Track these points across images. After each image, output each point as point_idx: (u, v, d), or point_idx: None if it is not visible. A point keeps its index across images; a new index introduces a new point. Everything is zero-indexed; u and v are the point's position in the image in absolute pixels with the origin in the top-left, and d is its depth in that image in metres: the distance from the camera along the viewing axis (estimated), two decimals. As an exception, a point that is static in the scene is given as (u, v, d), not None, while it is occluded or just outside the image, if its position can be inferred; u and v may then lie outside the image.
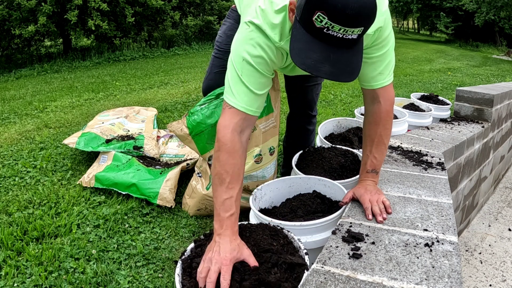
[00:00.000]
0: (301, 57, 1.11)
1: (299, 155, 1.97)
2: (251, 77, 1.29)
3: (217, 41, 1.90)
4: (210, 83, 1.94)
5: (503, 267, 2.61)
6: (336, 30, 1.06)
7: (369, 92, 1.46)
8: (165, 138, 2.73)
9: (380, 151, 1.48)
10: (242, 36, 1.30)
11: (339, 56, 1.10)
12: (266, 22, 1.26)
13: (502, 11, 16.98)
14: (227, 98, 1.31)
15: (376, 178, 1.50)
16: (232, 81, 1.30)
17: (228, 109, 1.30)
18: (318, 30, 1.07)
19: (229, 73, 1.32)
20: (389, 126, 1.48)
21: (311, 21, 1.07)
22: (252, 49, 1.27)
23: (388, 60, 1.40)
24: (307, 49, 1.10)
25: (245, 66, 1.28)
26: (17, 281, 1.52)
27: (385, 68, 1.40)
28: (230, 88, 1.30)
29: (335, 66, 1.10)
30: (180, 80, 5.65)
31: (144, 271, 1.62)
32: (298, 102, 2.13)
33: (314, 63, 1.10)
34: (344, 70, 1.12)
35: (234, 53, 1.31)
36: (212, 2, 10.79)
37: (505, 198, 3.64)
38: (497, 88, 3.26)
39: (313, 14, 1.05)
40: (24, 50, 9.52)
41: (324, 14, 1.03)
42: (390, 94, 1.46)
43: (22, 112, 3.88)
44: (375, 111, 1.46)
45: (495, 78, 7.23)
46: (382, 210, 1.35)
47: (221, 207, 1.22)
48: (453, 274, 1.05)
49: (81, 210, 2.00)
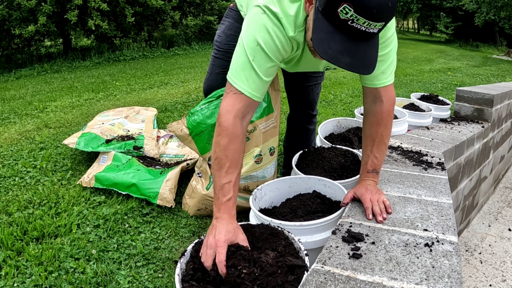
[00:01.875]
0: (324, 46, 1.11)
1: (299, 155, 1.97)
2: (262, 63, 1.28)
3: (216, 40, 1.88)
4: (211, 84, 1.92)
5: (503, 267, 2.61)
6: (361, 23, 1.07)
7: (371, 91, 1.46)
8: (165, 138, 2.73)
9: (381, 151, 1.48)
10: (256, 21, 1.28)
11: (359, 48, 1.12)
12: (282, 10, 1.26)
13: (502, 11, 16.98)
14: (234, 82, 1.29)
15: (376, 178, 1.50)
16: (241, 65, 1.29)
17: (233, 94, 1.29)
18: (343, 21, 1.08)
19: (239, 57, 1.30)
20: (390, 126, 1.48)
21: (336, 12, 1.07)
22: (266, 35, 1.27)
23: (391, 60, 1.41)
24: (330, 40, 1.11)
25: (258, 51, 1.27)
26: (17, 281, 1.52)
27: (387, 67, 1.41)
28: (238, 72, 1.29)
29: (355, 58, 1.12)
30: (180, 80, 5.65)
31: (144, 271, 1.62)
32: (298, 101, 2.13)
33: (335, 54, 1.11)
34: (363, 63, 1.14)
35: (247, 38, 1.28)
36: (212, 2, 10.79)
37: (505, 198, 3.64)
38: (497, 88, 3.26)
39: (339, 6, 1.06)
40: (24, 50, 9.51)
41: (350, 6, 1.04)
42: (392, 94, 1.46)
43: (22, 112, 3.88)
44: (377, 110, 1.46)
45: (495, 78, 7.23)
46: (382, 210, 1.36)
47: (220, 192, 1.24)
48: (453, 274, 1.05)
49: (81, 210, 2.00)
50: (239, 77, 1.29)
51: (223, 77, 1.63)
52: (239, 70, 1.29)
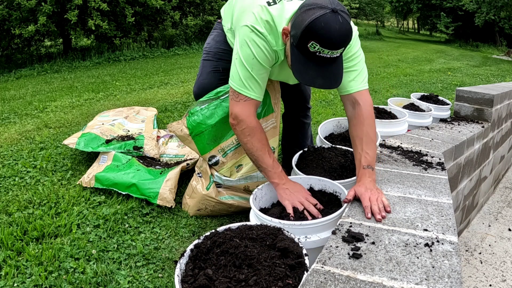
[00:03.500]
0: (302, 74, 1.46)
1: (299, 155, 1.97)
2: (258, 71, 1.59)
3: (206, 47, 2.07)
4: (204, 82, 2.01)
5: (503, 267, 2.61)
6: (326, 53, 1.40)
7: (348, 98, 1.66)
8: (165, 138, 2.73)
9: (371, 147, 1.57)
10: (248, 39, 1.56)
11: (328, 70, 1.46)
12: (267, 30, 1.55)
13: (502, 11, 16.99)
14: (242, 90, 1.59)
15: (373, 174, 1.52)
16: (245, 76, 1.58)
17: (244, 101, 1.60)
18: (312, 53, 1.41)
19: (239, 69, 1.58)
20: (373, 124, 1.63)
21: (306, 47, 1.40)
22: (258, 49, 1.56)
23: (359, 69, 1.66)
24: (306, 68, 1.45)
25: (255, 63, 1.57)
26: (17, 281, 1.52)
27: (357, 76, 1.65)
28: (243, 82, 1.58)
29: (326, 79, 1.47)
30: (180, 80, 5.65)
31: (144, 271, 1.62)
32: (292, 94, 2.22)
33: (311, 79, 1.46)
34: (332, 80, 1.48)
35: (243, 53, 1.57)
36: (212, 2, 10.78)
37: (505, 198, 3.64)
38: (497, 88, 3.26)
39: (308, 42, 1.39)
40: (24, 50, 9.51)
41: (316, 42, 1.38)
42: (367, 97, 1.65)
43: (22, 112, 3.88)
44: (357, 113, 1.63)
45: (495, 78, 7.23)
46: (381, 209, 1.36)
47: (273, 168, 1.60)
48: (453, 274, 1.05)
49: (81, 210, 2.00)
50: (245, 86, 1.59)
51: (214, 75, 1.99)
52: (245, 80, 1.58)
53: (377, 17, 24.24)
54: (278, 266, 1.14)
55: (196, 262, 1.20)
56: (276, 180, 1.59)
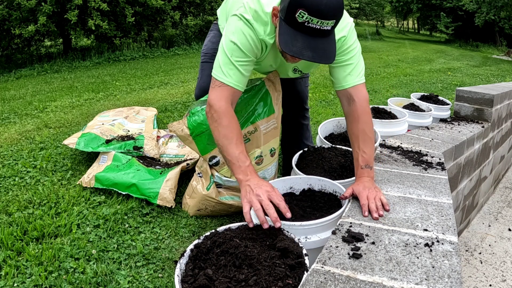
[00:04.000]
0: (288, 45, 1.37)
1: (299, 155, 1.97)
2: (238, 58, 1.51)
3: (203, 49, 2.09)
4: (203, 85, 2.01)
5: (503, 267, 2.61)
6: (315, 23, 1.32)
7: (343, 94, 1.62)
8: (165, 138, 2.73)
9: (367, 145, 1.55)
10: (233, 26, 1.52)
11: (318, 44, 1.37)
12: (254, 18, 1.50)
13: (502, 11, 16.98)
14: (218, 76, 1.51)
15: (371, 173, 1.52)
16: (222, 62, 1.51)
17: (218, 87, 1.51)
18: (300, 24, 1.34)
19: (220, 56, 1.52)
20: (369, 121, 1.59)
21: (294, 18, 1.33)
22: (242, 36, 1.50)
23: (355, 63, 1.60)
24: (293, 39, 1.36)
25: (235, 49, 1.50)
26: (17, 281, 1.52)
27: (353, 70, 1.59)
28: (221, 68, 1.51)
29: (315, 51, 1.37)
30: (180, 80, 5.65)
31: (144, 271, 1.62)
32: (290, 96, 2.21)
33: (299, 50, 1.36)
34: (323, 55, 1.38)
35: (225, 39, 1.52)
36: (212, 2, 10.78)
37: (505, 198, 3.64)
38: (497, 88, 3.26)
39: (296, 12, 1.32)
40: (24, 50, 9.51)
41: (304, 11, 1.30)
42: (362, 92, 1.61)
43: (22, 112, 3.88)
44: (352, 109, 1.59)
45: (495, 78, 7.23)
46: (378, 207, 1.36)
47: (238, 160, 1.43)
48: (453, 274, 1.05)
49: (81, 210, 2.00)
50: (222, 72, 1.51)
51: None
52: (222, 66, 1.51)
53: (377, 17, 24.26)
54: (278, 266, 1.14)
55: (196, 262, 1.20)
56: (240, 175, 1.41)
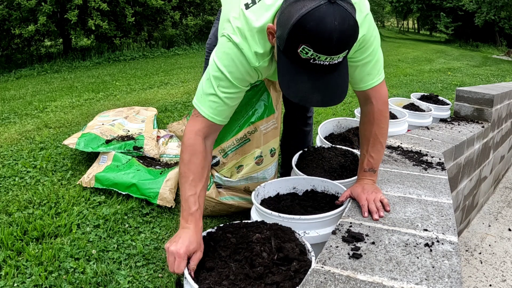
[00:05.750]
0: (292, 90, 1.14)
1: (299, 155, 1.97)
2: (225, 90, 1.31)
3: (208, 43, 1.95)
4: None
5: (503, 267, 2.61)
6: (323, 60, 1.06)
7: (361, 94, 1.46)
8: (165, 138, 2.73)
9: (376, 150, 1.47)
10: (221, 51, 1.30)
11: (327, 81, 1.13)
12: (244, 39, 1.26)
13: (502, 11, 16.98)
14: (197, 105, 1.34)
15: (374, 176, 1.50)
16: (206, 91, 1.32)
17: (196, 117, 1.34)
18: (305, 61, 1.08)
19: (204, 82, 1.34)
20: (384, 125, 1.46)
21: (297, 53, 1.07)
22: (231, 63, 1.28)
23: (375, 60, 1.38)
24: (297, 81, 1.12)
25: (222, 79, 1.29)
26: (17, 281, 1.52)
27: (372, 68, 1.39)
28: (202, 98, 1.33)
29: (325, 93, 1.14)
30: (180, 80, 5.65)
31: (144, 271, 1.62)
32: (292, 103, 2.12)
33: (304, 95, 1.13)
34: (334, 95, 1.16)
35: (212, 65, 1.32)
36: (212, 2, 10.78)
37: (505, 198, 3.64)
38: (497, 88, 3.26)
39: (298, 47, 1.06)
40: (24, 50, 9.51)
41: (309, 47, 1.04)
42: (382, 93, 1.44)
43: (22, 112, 3.88)
44: (368, 111, 1.46)
45: (495, 78, 7.23)
46: (379, 208, 1.36)
47: (185, 203, 1.27)
48: (453, 274, 1.05)
49: (81, 210, 2.00)
50: (203, 102, 1.33)
51: None
52: (203, 95, 1.33)
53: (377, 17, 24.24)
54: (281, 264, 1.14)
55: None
56: (181, 220, 1.27)
